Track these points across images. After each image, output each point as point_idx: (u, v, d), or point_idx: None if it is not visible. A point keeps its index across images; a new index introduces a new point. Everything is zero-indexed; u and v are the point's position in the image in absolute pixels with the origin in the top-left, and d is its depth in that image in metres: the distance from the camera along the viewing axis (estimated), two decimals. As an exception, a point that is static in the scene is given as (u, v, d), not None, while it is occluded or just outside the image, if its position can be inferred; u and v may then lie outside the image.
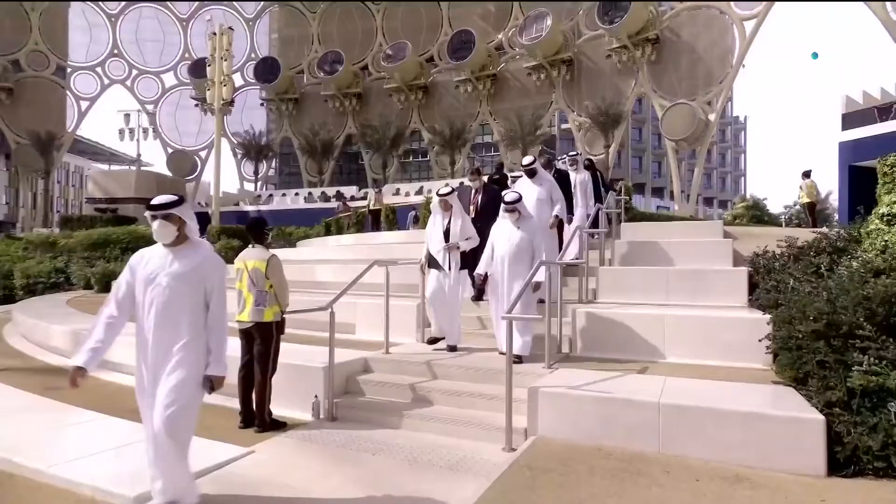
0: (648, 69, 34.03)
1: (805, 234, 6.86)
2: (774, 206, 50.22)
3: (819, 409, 3.33)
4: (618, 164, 43.10)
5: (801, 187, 14.50)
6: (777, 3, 30.20)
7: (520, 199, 5.62)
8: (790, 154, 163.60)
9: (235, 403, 4.81)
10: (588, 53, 37.16)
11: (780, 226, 25.78)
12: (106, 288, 15.47)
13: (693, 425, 3.57)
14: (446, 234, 5.87)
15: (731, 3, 31.06)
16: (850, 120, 19.64)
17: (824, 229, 7.19)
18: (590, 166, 9.69)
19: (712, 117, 32.13)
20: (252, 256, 4.84)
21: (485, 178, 7.79)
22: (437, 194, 6.09)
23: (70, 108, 48.01)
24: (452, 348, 5.75)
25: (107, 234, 20.89)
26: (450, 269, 5.83)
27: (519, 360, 5.07)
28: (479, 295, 6.70)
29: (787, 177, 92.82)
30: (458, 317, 5.91)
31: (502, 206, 5.64)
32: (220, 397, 5.26)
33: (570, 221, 7.54)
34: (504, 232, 5.60)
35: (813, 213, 14.93)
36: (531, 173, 6.98)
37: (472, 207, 7.03)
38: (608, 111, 33.76)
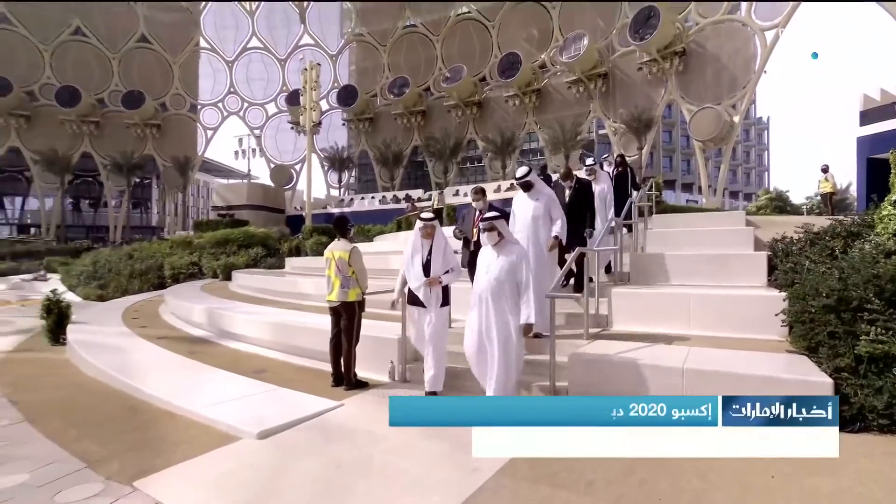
0: (677, 78, 32.36)
1: (822, 222, 6.46)
2: (797, 198, 46.68)
3: (828, 374, 3.20)
4: (650, 164, 41.33)
5: (819, 181, 13.82)
6: (799, 3, 27.98)
7: (500, 216, 3.98)
8: (811, 149, 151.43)
9: (328, 367, 5.00)
10: (621, 67, 35.77)
11: (802, 215, 24.08)
12: (228, 276, 16.36)
13: (713, 387, 3.44)
14: (426, 266, 4.36)
15: (752, 14, 29.14)
16: (868, 116, 18.01)
17: (840, 217, 6.73)
18: (621, 163, 8.71)
19: (736, 119, 30.26)
20: (338, 248, 4.96)
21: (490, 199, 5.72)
22: (421, 218, 4.49)
23: (200, 137, 50.97)
24: (431, 394, 4.29)
25: (227, 235, 21.62)
26: (431, 305, 4.35)
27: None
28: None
29: (809, 170, 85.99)
30: (443, 359, 4.43)
31: (480, 224, 4.03)
32: (315, 362, 5.65)
33: (590, 235, 5.65)
34: (483, 261, 3.93)
35: (831, 202, 14.01)
36: (526, 187, 5.16)
37: (474, 230, 5.05)
38: (640, 117, 32.46)
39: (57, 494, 2.66)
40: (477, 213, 5.24)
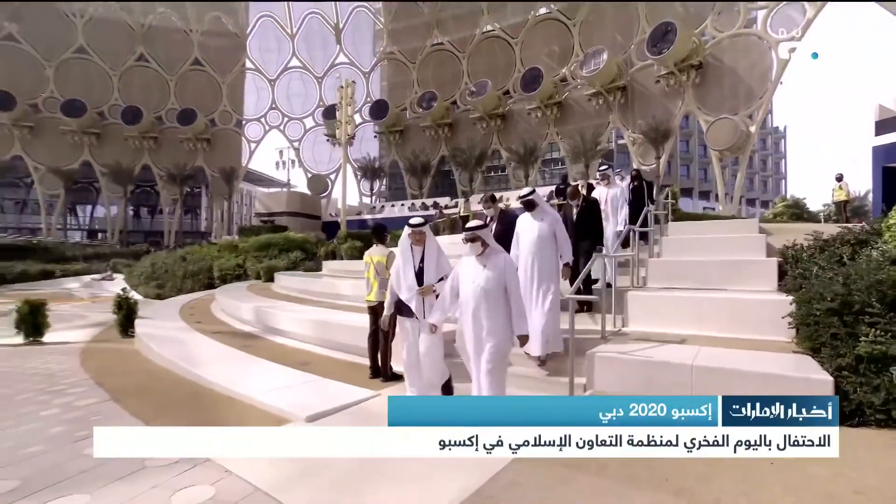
0: (693, 90, 31.79)
1: (833, 230, 6.36)
2: (814, 205, 44.97)
3: (830, 373, 3.24)
4: (668, 173, 40.65)
5: (833, 189, 13.42)
6: (815, 16, 27.16)
7: (484, 226, 3.61)
8: (829, 157, 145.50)
9: (365, 361, 5.19)
10: (640, 80, 35.31)
11: (819, 222, 23.23)
12: (270, 278, 16.51)
13: (720, 383, 3.51)
14: (419, 274, 3.97)
15: (768, 28, 28.42)
16: (883, 125, 17.34)
17: (849, 224, 6.60)
18: (637, 177, 8.49)
19: (752, 129, 29.49)
20: (376, 253, 5.17)
21: (501, 206, 5.54)
22: (409, 225, 4.00)
23: (244, 149, 52.74)
24: None
25: (269, 239, 21.66)
26: (424, 316, 3.91)
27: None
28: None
29: (826, 177, 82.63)
30: (438, 376, 4.02)
31: (463, 235, 3.58)
32: (353, 357, 5.86)
33: (599, 250, 5.49)
34: (468, 272, 3.54)
35: (846, 210, 13.56)
36: (529, 205, 4.75)
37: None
38: (658, 128, 31.94)
39: (146, 459, 2.96)
40: (488, 219, 5.18)
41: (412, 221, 3.99)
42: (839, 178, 13.32)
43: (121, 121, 47.88)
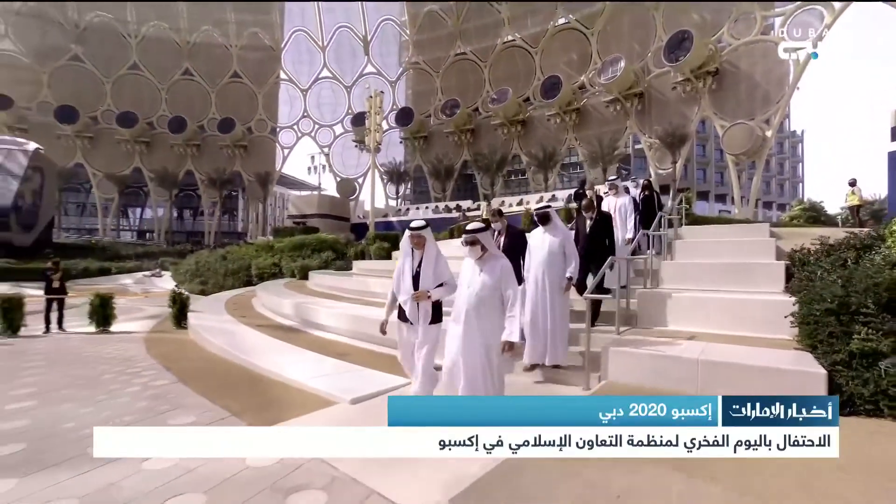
0: (710, 96, 31.21)
1: (840, 234, 6.38)
2: (832, 208, 43.38)
3: (825, 368, 3.39)
4: (684, 176, 39.94)
5: (846, 195, 13.19)
6: (833, 22, 26.36)
7: (484, 229, 3.37)
8: (847, 160, 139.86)
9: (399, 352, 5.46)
10: (657, 87, 34.87)
11: (837, 225, 22.54)
12: (303, 276, 16.72)
13: (723, 376, 3.65)
14: (416, 279, 3.63)
15: (785, 34, 27.67)
16: (898, 132, 16.81)
17: (855, 229, 6.60)
18: (648, 186, 8.33)
19: (769, 133, 28.79)
20: None
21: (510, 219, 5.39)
22: (409, 228, 3.69)
23: (278, 155, 54.19)
24: None
25: (303, 240, 22.08)
26: (419, 322, 3.65)
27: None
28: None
29: (844, 181, 79.01)
30: (431, 382, 3.74)
31: (462, 238, 3.42)
32: (388, 349, 6.03)
33: (611, 265, 5.43)
34: (465, 276, 3.39)
35: (859, 215, 13.35)
36: (544, 219, 4.65)
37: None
38: (674, 133, 31.49)
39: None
40: (496, 233, 5.02)
41: (413, 224, 3.69)
42: (852, 184, 13.11)
43: (168, 130, 49.95)
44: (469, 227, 3.37)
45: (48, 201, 35.63)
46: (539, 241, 4.68)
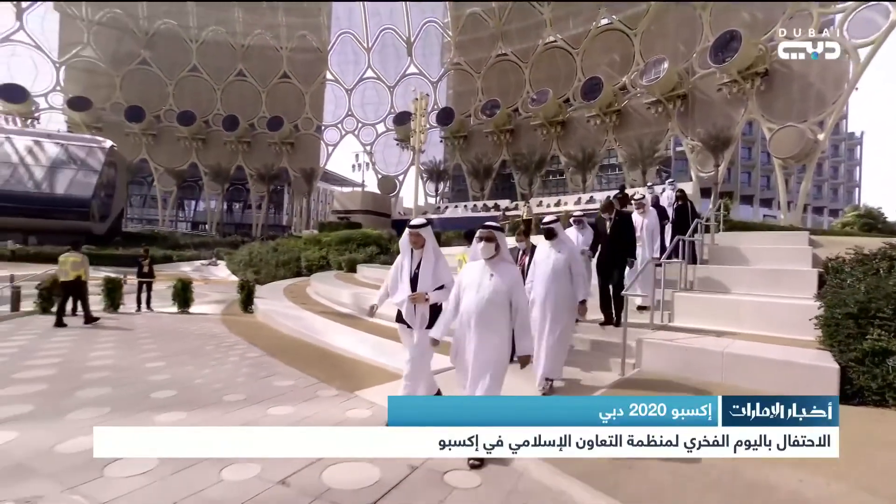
0: (758, 98, 30.16)
1: (877, 244, 6.50)
2: (893, 214, 40.60)
3: (841, 365, 3.75)
4: (727, 180, 38.77)
5: None
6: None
7: (500, 228, 3.19)
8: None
9: (449, 339, 6.00)
10: (701, 88, 33.97)
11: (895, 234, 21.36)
12: (350, 269, 17.45)
13: (745, 367, 4.01)
14: (413, 280, 3.37)
15: (845, 32, 26.42)
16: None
17: (892, 239, 6.68)
18: (682, 197, 8.19)
19: (821, 136, 27.59)
20: (467, 252, 5.82)
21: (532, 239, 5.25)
22: (409, 226, 3.42)
23: (322, 152, 56.18)
24: None
25: (349, 235, 22.97)
26: (415, 325, 3.41)
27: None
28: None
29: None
30: (425, 388, 3.55)
31: (478, 232, 3.23)
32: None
33: (631, 265, 5.55)
34: (473, 279, 3.12)
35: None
36: (549, 234, 4.40)
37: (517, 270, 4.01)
38: (718, 135, 30.62)
39: (317, 391, 4.09)
40: (520, 253, 4.98)
41: (413, 222, 3.44)
42: None
43: (222, 128, 52.91)
44: (486, 223, 3.22)
45: (120, 193, 38.88)
46: (544, 256, 4.43)
